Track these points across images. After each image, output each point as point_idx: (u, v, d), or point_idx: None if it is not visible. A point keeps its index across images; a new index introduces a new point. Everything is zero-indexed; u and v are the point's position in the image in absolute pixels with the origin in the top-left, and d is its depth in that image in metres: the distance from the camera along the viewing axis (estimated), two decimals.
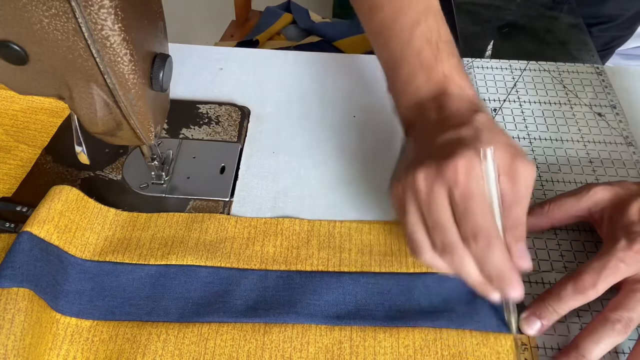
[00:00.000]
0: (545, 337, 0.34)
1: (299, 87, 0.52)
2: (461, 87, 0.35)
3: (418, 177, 0.31)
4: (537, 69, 0.53)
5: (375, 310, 0.35)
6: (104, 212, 0.39)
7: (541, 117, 0.48)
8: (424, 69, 0.35)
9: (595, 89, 0.51)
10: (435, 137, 0.33)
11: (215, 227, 0.39)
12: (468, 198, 0.30)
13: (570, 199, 0.38)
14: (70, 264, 0.35)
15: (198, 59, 0.54)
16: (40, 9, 0.25)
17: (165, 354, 0.32)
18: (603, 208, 0.36)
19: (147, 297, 0.35)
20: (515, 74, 0.52)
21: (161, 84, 0.32)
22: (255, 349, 0.33)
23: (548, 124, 0.47)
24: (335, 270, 0.37)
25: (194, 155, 0.45)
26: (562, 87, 0.51)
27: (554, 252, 0.38)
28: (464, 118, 0.33)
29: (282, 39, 0.96)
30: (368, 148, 0.46)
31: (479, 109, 0.34)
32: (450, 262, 0.31)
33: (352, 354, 0.33)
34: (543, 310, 0.33)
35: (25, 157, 0.43)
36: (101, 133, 0.34)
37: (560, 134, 0.47)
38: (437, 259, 0.32)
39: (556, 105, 0.49)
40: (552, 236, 0.39)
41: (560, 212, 0.38)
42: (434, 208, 0.31)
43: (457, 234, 0.30)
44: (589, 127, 0.47)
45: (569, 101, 0.50)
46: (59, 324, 0.33)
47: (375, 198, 0.42)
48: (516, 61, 0.54)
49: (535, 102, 0.49)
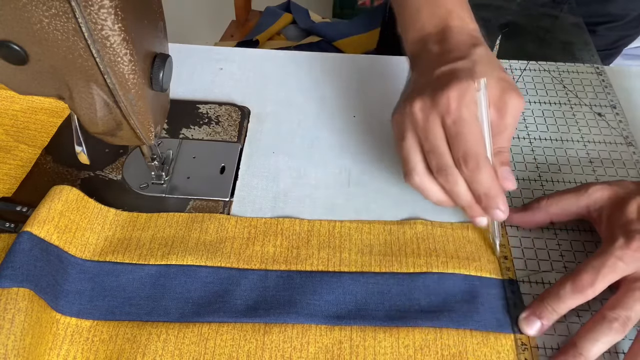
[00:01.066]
0: (545, 337, 0.34)
1: (299, 87, 0.52)
2: (463, 20, 0.38)
3: (415, 106, 0.34)
4: (538, 69, 0.53)
5: (376, 310, 0.35)
6: (104, 212, 0.39)
7: (541, 117, 0.48)
8: (429, 4, 0.38)
9: (595, 89, 0.51)
10: (434, 69, 0.36)
11: (215, 227, 0.39)
12: (459, 124, 0.33)
13: (569, 196, 0.38)
14: (71, 264, 0.35)
15: (198, 59, 0.54)
16: (40, 9, 0.25)
17: (165, 354, 0.32)
18: (601, 206, 0.36)
19: (147, 297, 0.35)
20: (516, 73, 0.52)
21: (161, 84, 0.32)
22: (255, 349, 0.33)
23: (548, 124, 0.47)
24: (336, 270, 0.37)
25: (194, 155, 0.45)
26: (562, 87, 0.51)
27: (554, 252, 0.38)
28: (462, 51, 0.36)
29: (282, 39, 0.96)
30: (368, 148, 0.46)
31: (479, 42, 0.37)
32: (445, 182, 0.34)
33: (352, 354, 0.33)
34: (542, 310, 0.33)
35: (25, 157, 0.43)
36: (101, 133, 0.34)
37: (560, 134, 0.47)
38: (426, 181, 0.35)
39: (556, 106, 0.49)
40: (552, 236, 0.39)
41: (558, 208, 0.38)
42: (430, 134, 0.34)
43: (450, 158, 0.34)
44: (589, 127, 0.47)
45: (569, 101, 0.50)
46: (59, 324, 0.33)
47: (376, 198, 0.42)
48: (516, 61, 0.54)
49: (536, 102, 0.49)
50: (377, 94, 0.51)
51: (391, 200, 0.42)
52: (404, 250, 0.38)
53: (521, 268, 0.37)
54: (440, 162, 0.34)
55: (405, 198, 0.42)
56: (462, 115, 0.33)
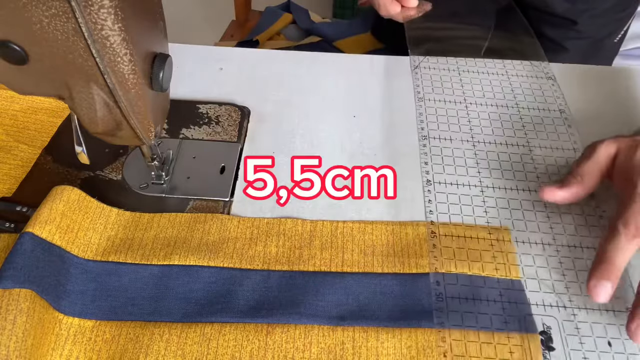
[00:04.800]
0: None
1: (299, 87, 0.52)
2: None
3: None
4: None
5: (378, 310, 0.35)
6: (106, 212, 0.39)
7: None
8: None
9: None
10: None
11: (217, 228, 0.39)
12: None
13: (588, 162, 0.38)
14: (73, 264, 0.35)
15: (198, 59, 0.54)
16: (40, 9, 0.25)
17: (167, 354, 0.32)
18: (612, 159, 0.37)
19: (150, 297, 0.35)
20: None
21: (161, 84, 0.31)
22: (257, 349, 0.33)
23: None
24: (338, 270, 0.37)
25: (194, 155, 0.45)
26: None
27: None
28: None
29: (282, 39, 0.96)
30: (368, 148, 0.46)
31: None
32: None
33: (355, 355, 0.33)
34: (605, 270, 0.33)
35: (25, 157, 0.43)
36: (101, 133, 0.34)
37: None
38: None
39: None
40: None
41: (589, 176, 0.38)
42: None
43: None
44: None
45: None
46: (62, 325, 0.33)
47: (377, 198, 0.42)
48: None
49: None
50: (377, 94, 0.51)
51: (392, 201, 0.42)
52: (407, 251, 0.38)
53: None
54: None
55: (406, 198, 0.42)
56: None
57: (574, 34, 0.66)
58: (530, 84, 0.51)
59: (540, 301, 0.35)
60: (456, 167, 0.43)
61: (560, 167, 0.42)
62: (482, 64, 0.53)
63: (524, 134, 0.46)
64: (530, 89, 0.50)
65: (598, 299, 0.33)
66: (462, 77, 0.51)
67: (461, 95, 0.49)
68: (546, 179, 0.42)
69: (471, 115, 0.47)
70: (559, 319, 0.34)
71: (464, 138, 0.45)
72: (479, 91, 0.50)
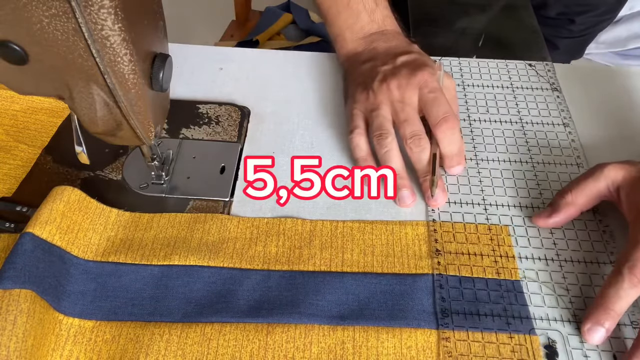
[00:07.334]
0: None
1: (299, 87, 0.52)
2: (396, 27, 0.49)
3: (391, 84, 0.42)
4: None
5: (378, 310, 0.35)
6: (106, 213, 0.39)
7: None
8: (367, 11, 0.48)
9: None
10: (393, 58, 0.44)
11: (217, 228, 0.39)
12: (437, 92, 0.41)
13: (587, 182, 0.38)
14: (73, 265, 0.35)
15: (198, 59, 0.54)
16: (40, 9, 0.25)
17: (168, 354, 0.32)
18: (619, 186, 0.37)
19: (150, 298, 0.35)
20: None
21: (161, 84, 0.31)
22: (258, 349, 0.33)
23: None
24: (338, 270, 0.37)
25: (194, 155, 0.45)
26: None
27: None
28: (407, 47, 0.46)
29: (282, 39, 0.96)
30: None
31: (411, 41, 0.48)
32: (415, 147, 0.40)
33: (355, 355, 0.33)
34: (603, 315, 0.33)
35: (25, 157, 0.43)
36: (101, 133, 0.34)
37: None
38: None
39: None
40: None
41: (584, 196, 0.38)
42: (407, 106, 0.41)
43: (422, 126, 0.41)
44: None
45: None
46: (62, 325, 0.33)
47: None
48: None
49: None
50: None
51: (392, 200, 0.42)
52: (406, 251, 0.38)
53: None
54: (415, 130, 0.41)
55: None
56: (436, 86, 0.41)
57: (567, 32, 0.68)
58: (535, 97, 0.50)
59: (545, 315, 0.35)
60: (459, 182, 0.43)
61: (563, 183, 0.42)
62: (487, 76, 0.52)
63: (527, 150, 0.45)
64: (534, 102, 0.49)
65: (591, 342, 0.33)
66: (466, 93, 0.50)
67: (465, 112, 0.48)
68: (549, 195, 0.41)
69: (475, 133, 0.47)
70: (564, 332, 0.34)
71: (467, 156, 0.44)
72: (482, 106, 0.49)
